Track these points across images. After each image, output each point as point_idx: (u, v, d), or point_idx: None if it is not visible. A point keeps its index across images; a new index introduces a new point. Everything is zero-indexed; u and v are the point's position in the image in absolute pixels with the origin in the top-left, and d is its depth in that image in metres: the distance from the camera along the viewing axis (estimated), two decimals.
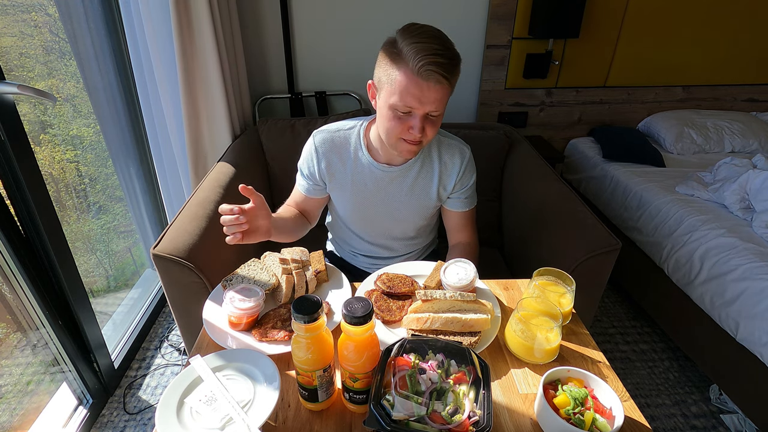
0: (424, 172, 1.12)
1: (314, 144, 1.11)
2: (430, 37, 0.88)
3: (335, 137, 1.10)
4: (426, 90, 0.89)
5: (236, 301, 0.83)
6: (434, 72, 0.86)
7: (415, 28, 0.90)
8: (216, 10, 1.55)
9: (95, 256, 1.78)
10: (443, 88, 0.90)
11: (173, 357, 1.74)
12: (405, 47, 0.88)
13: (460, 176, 1.12)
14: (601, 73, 2.24)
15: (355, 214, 1.19)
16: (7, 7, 1.36)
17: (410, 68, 0.87)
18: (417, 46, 0.86)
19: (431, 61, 0.85)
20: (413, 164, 1.10)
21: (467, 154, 1.12)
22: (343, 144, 1.11)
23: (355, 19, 1.99)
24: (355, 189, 1.13)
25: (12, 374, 1.31)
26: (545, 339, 0.77)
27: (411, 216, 1.17)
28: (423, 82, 0.88)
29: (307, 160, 1.13)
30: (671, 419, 1.51)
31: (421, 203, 1.15)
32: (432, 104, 0.91)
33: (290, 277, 0.92)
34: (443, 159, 1.11)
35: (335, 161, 1.11)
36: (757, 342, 1.31)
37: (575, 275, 0.89)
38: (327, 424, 0.69)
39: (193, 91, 1.60)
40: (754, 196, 1.64)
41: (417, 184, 1.12)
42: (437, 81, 0.87)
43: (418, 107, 0.91)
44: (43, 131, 1.48)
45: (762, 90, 2.40)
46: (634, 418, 0.70)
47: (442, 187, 1.13)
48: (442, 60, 0.86)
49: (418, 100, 0.90)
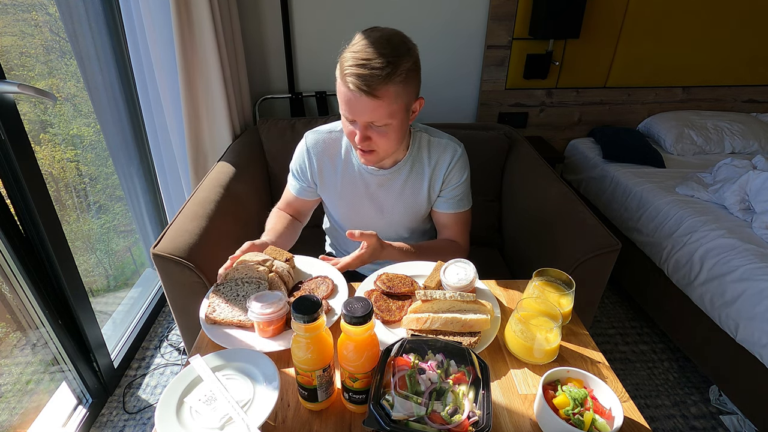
0: (414, 175, 1.09)
1: (306, 145, 1.10)
2: (365, 45, 0.84)
3: (327, 138, 1.09)
4: (354, 102, 0.86)
5: (258, 308, 0.80)
6: (355, 84, 0.83)
7: (364, 33, 0.87)
8: (216, 10, 1.56)
9: (95, 256, 1.78)
10: (370, 101, 0.85)
11: (173, 357, 1.74)
12: (344, 54, 0.86)
13: (448, 172, 1.08)
14: (602, 73, 2.24)
15: (346, 217, 1.18)
16: (8, 6, 1.36)
17: (340, 78, 0.86)
18: (347, 56, 0.85)
19: (352, 72, 0.83)
20: (403, 167, 1.08)
21: (458, 152, 1.08)
22: (335, 145, 1.09)
23: (356, 19, 1.99)
24: (345, 191, 1.12)
25: (12, 373, 1.31)
26: (545, 339, 0.77)
27: (402, 219, 1.16)
28: (350, 94, 0.85)
29: (299, 160, 1.12)
30: (671, 420, 1.51)
31: (411, 206, 1.13)
32: (366, 115, 0.88)
33: (274, 275, 0.92)
34: (433, 158, 1.08)
35: (326, 162, 1.10)
36: (756, 343, 1.31)
37: (575, 275, 0.89)
38: (326, 424, 0.69)
39: (194, 90, 1.60)
40: (754, 196, 1.64)
41: (407, 186, 1.10)
42: (360, 94, 0.84)
43: (355, 117, 0.89)
44: (44, 130, 1.48)
45: (762, 91, 2.40)
46: (633, 419, 0.70)
47: (432, 188, 1.11)
48: (363, 71, 0.82)
49: (352, 111, 0.88)
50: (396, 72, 0.84)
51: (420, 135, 1.09)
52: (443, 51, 2.06)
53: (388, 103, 0.87)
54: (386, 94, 0.85)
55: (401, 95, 0.88)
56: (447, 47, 2.06)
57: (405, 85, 0.88)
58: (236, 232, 1.37)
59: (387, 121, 0.90)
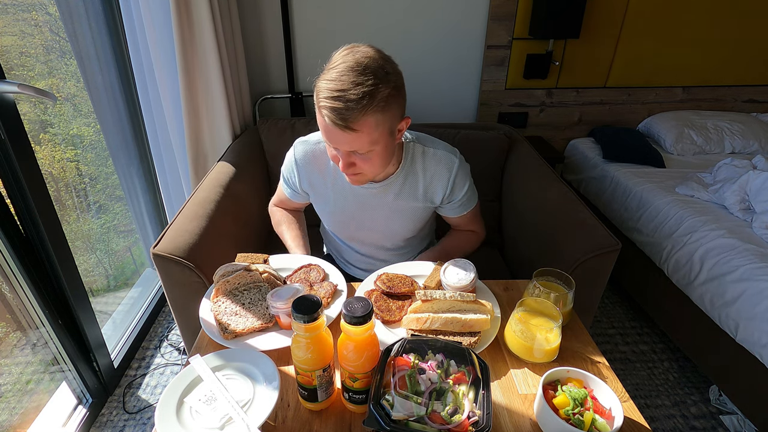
0: (407, 187, 1.05)
1: (294, 157, 1.07)
2: (339, 73, 0.78)
3: (316, 150, 1.05)
4: (332, 133, 0.83)
5: (283, 302, 0.81)
6: (330, 118, 0.80)
7: (341, 56, 0.81)
8: (216, 10, 1.55)
9: (95, 256, 1.78)
10: (347, 134, 0.81)
11: (173, 356, 1.74)
12: (319, 82, 0.81)
13: (449, 191, 1.05)
14: (602, 73, 2.24)
15: (339, 227, 1.17)
16: (8, 6, 1.36)
17: (317, 107, 0.82)
18: (322, 85, 0.80)
19: (327, 106, 0.79)
20: (395, 179, 1.03)
21: (456, 163, 1.03)
22: (323, 157, 1.05)
23: (356, 19, 1.99)
24: (337, 203, 1.09)
25: (12, 373, 1.31)
26: (545, 339, 0.77)
27: (396, 229, 1.13)
28: (328, 125, 0.81)
29: (287, 169, 1.11)
30: (671, 420, 1.51)
31: (405, 217, 1.10)
32: (347, 145, 0.84)
33: (267, 275, 0.93)
34: (428, 171, 1.04)
35: (315, 175, 1.07)
36: (756, 343, 1.31)
37: (575, 275, 0.89)
38: (326, 423, 0.69)
39: (194, 90, 1.60)
40: (754, 196, 1.64)
41: (400, 199, 1.06)
42: (336, 126, 0.80)
43: (335, 146, 0.87)
44: (44, 130, 1.48)
45: (762, 91, 2.40)
46: (633, 419, 0.70)
47: (428, 200, 1.08)
48: (338, 105, 0.78)
49: (331, 141, 0.85)
50: (373, 102, 0.79)
51: (413, 146, 1.04)
52: (443, 51, 2.06)
53: (368, 133, 0.82)
54: (365, 125, 0.81)
55: (381, 123, 0.83)
56: (447, 47, 2.06)
57: (385, 112, 0.82)
58: (236, 232, 1.37)
59: (369, 149, 0.86)
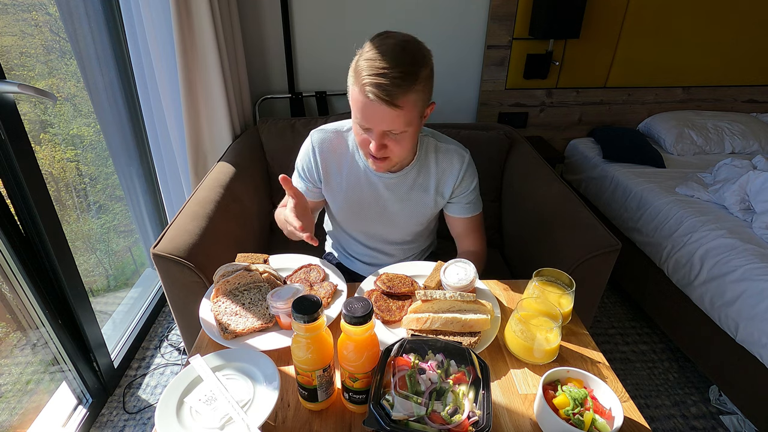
0: (420, 180, 1.09)
1: (311, 143, 1.09)
2: (382, 53, 0.83)
3: (333, 138, 1.08)
4: (372, 111, 0.85)
5: (283, 303, 0.81)
6: (375, 94, 0.83)
7: (377, 39, 0.86)
8: (216, 10, 1.56)
9: (95, 256, 1.78)
10: (390, 111, 0.85)
11: (173, 356, 1.74)
12: (360, 62, 0.85)
13: (459, 181, 1.09)
14: (602, 73, 2.24)
15: (349, 217, 1.17)
16: (8, 6, 1.36)
17: (358, 87, 0.85)
18: (364, 64, 0.83)
19: (372, 82, 0.82)
20: (409, 171, 1.07)
21: (466, 159, 1.08)
22: (341, 145, 1.08)
23: (356, 19, 1.99)
24: (350, 192, 1.11)
25: (12, 373, 1.31)
26: (545, 339, 0.77)
27: (407, 222, 1.15)
28: (369, 103, 0.84)
29: (304, 159, 1.11)
30: (671, 420, 1.51)
31: (416, 210, 1.13)
32: (384, 124, 0.87)
33: (267, 275, 0.93)
34: (441, 165, 1.08)
35: (331, 162, 1.09)
36: (756, 343, 1.31)
37: (575, 275, 0.89)
38: (326, 423, 0.69)
39: (194, 90, 1.60)
40: (754, 197, 1.64)
41: (413, 191, 1.10)
42: (380, 103, 0.83)
43: (372, 126, 0.89)
44: (44, 130, 1.48)
45: (762, 91, 2.40)
46: (633, 419, 0.70)
47: (440, 194, 1.11)
48: (383, 81, 0.82)
49: (369, 120, 0.88)
50: (416, 80, 0.84)
51: (427, 140, 1.08)
52: (443, 51, 2.05)
53: (407, 112, 0.86)
54: (406, 103, 0.85)
55: (418, 102, 0.88)
56: (447, 47, 2.06)
57: (423, 93, 0.88)
58: (236, 232, 1.37)
59: (404, 129, 0.89)
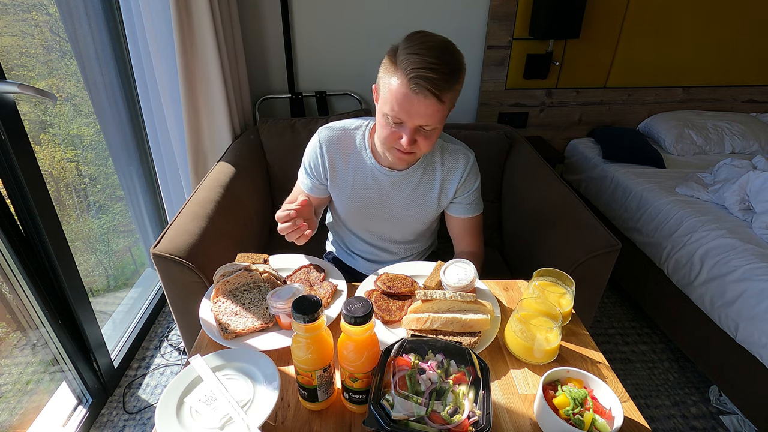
0: (426, 178, 1.10)
1: (319, 140, 1.10)
2: (429, 49, 0.84)
3: (340, 135, 1.10)
4: (416, 104, 0.86)
5: (283, 303, 0.81)
6: (423, 86, 0.84)
7: (418, 37, 0.87)
8: (216, 10, 1.56)
9: (95, 256, 1.78)
10: (434, 104, 0.87)
11: (173, 356, 1.74)
12: (402, 57, 0.86)
13: (463, 181, 1.10)
14: (602, 73, 2.24)
15: (354, 215, 1.18)
16: (8, 6, 1.36)
17: (402, 80, 0.85)
18: (411, 58, 0.84)
19: (422, 75, 0.83)
20: (416, 170, 1.09)
21: (471, 159, 1.10)
22: (348, 143, 1.10)
23: (356, 19, 1.99)
24: (356, 190, 1.12)
25: (11, 373, 1.31)
26: (545, 339, 0.77)
27: (410, 221, 1.16)
28: (413, 96, 0.85)
29: (311, 156, 1.12)
30: (671, 420, 1.51)
31: (421, 209, 1.14)
32: (422, 118, 0.89)
33: (268, 275, 0.93)
34: (446, 165, 1.10)
35: (338, 159, 1.10)
36: (756, 343, 1.31)
37: (575, 276, 0.89)
38: (326, 423, 0.69)
39: (194, 90, 1.60)
40: (754, 197, 1.64)
41: (418, 189, 1.11)
42: (426, 96, 0.85)
43: (408, 120, 0.89)
44: (44, 130, 1.48)
45: (762, 91, 2.40)
46: (633, 419, 0.70)
47: (444, 193, 1.12)
48: (433, 75, 0.83)
49: (408, 113, 0.88)
50: (458, 78, 0.88)
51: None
52: None
53: (447, 107, 0.89)
54: (448, 99, 0.88)
55: (453, 101, 0.92)
56: None
57: (457, 93, 0.91)
58: (236, 232, 1.37)
59: (437, 125, 0.92)
